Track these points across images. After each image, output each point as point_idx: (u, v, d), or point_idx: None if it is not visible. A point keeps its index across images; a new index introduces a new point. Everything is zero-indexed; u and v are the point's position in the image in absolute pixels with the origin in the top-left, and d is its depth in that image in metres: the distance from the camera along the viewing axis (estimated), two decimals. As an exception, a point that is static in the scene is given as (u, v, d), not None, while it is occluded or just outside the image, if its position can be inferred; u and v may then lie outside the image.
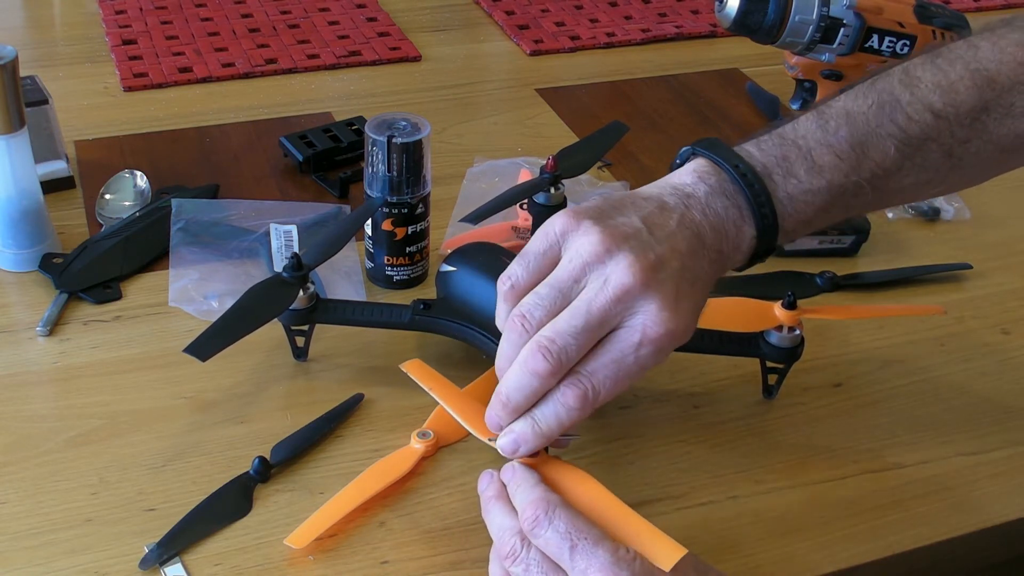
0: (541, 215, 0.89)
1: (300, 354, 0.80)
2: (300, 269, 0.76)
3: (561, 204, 0.90)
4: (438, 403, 0.70)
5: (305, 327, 0.79)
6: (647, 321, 0.58)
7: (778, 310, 0.76)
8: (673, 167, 0.66)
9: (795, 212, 0.65)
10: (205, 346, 0.71)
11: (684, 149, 0.66)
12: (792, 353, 0.77)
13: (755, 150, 0.66)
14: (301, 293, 0.76)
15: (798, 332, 0.77)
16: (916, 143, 0.67)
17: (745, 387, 0.81)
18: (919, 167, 0.67)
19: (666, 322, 0.58)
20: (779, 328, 0.76)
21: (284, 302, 0.76)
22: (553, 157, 0.90)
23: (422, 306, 0.78)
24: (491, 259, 0.80)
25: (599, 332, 0.59)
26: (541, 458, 0.62)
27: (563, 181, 0.90)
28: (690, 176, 0.64)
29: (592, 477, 0.61)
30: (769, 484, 0.73)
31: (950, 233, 1.00)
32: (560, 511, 0.57)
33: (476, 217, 0.85)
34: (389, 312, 0.79)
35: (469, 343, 0.78)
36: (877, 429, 0.78)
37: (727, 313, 0.77)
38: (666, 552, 0.56)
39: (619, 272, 0.58)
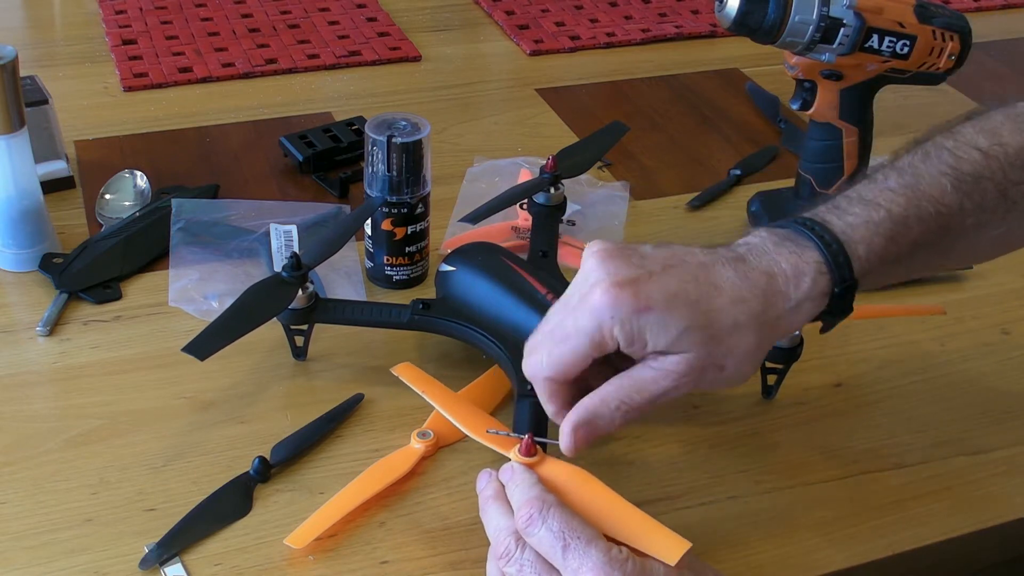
0: (541, 215, 0.89)
1: (299, 353, 0.80)
2: (299, 269, 0.76)
3: (561, 204, 0.90)
4: (433, 406, 0.71)
5: (304, 326, 0.79)
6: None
7: None
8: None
9: (861, 239, 0.63)
10: (204, 345, 0.71)
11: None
12: (792, 354, 0.77)
13: (802, 214, 0.65)
14: (300, 292, 0.76)
15: (797, 332, 0.76)
16: (970, 180, 0.66)
17: (745, 387, 0.81)
18: (978, 207, 0.66)
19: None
20: None
21: (283, 301, 0.76)
22: (553, 157, 0.90)
23: (421, 306, 0.78)
24: (490, 259, 0.80)
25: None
26: (540, 458, 0.62)
27: (563, 181, 0.90)
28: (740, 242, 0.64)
29: (593, 476, 0.61)
30: (769, 484, 0.73)
31: (950, 233, 1.00)
32: (554, 510, 0.57)
33: (475, 217, 0.85)
34: (388, 312, 0.79)
35: (469, 343, 0.78)
36: (877, 429, 0.78)
37: None
38: (669, 547, 0.56)
39: None
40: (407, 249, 0.87)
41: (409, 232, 0.86)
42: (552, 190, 0.89)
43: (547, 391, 0.62)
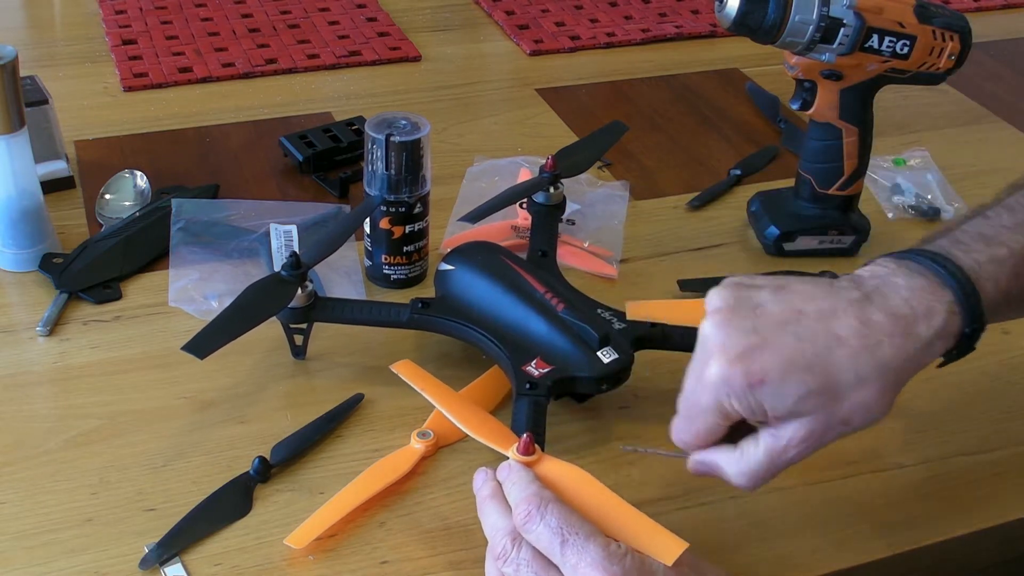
0: (540, 214, 0.89)
1: (299, 352, 0.80)
2: (298, 267, 0.76)
3: (560, 203, 0.90)
4: (432, 403, 0.70)
5: (304, 325, 0.79)
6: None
7: None
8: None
9: (989, 277, 0.62)
10: (204, 344, 0.72)
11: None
12: None
13: (924, 246, 0.64)
14: (300, 291, 0.76)
15: None
16: None
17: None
18: None
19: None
20: None
21: (282, 300, 0.76)
22: (552, 156, 0.90)
23: (420, 305, 0.78)
24: (490, 258, 0.80)
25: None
26: (538, 456, 0.62)
27: (562, 180, 0.90)
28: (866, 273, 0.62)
29: (591, 476, 0.61)
30: (769, 484, 0.73)
31: (950, 233, 1.00)
32: (552, 507, 0.57)
33: (475, 216, 0.85)
34: (387, 311, 0.79)
35: (468, 342, 0.78)
36: (877, 429, 0.78)
37: None
38: (667, 547, 0.56)
39: None
40: (405, 248, 0.87)
41: (407, 231, 0.86)
42: (552, 189, 0.89)
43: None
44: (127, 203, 0.95)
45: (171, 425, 0.74)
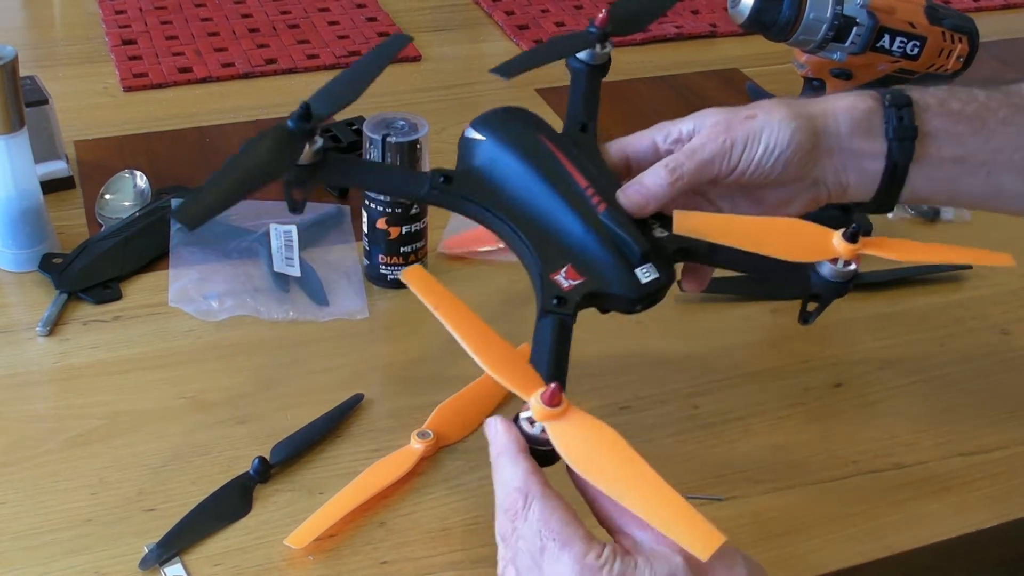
0: (582, 76, 0.79)
1: (296, 208, 0.68)
2: (309, 120, 0.63)
3: (606, 64, 0.79)
4: (449, 328, 0.60)
5: (305, 190, 0.67)
6: None
7: (837, 241, 0.65)
8: None
9: (935, 103, 0.65)
10: (196, 212, 0.61)
11: None
12: (843, 288, 0.67)
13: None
14: (307, 147, 0.64)
15: (854, 267, 0.66)
16: None
17: (745, 387, 0.81)
18: None
19: None
20: (834, 261, 0.65)
21: (287, 159, 0.63)
22: (607, 9, 0.76)
23: (442, 179, 0.66)
24: (526, 134, 0.69)
25: None
26: (564, 408, 0.54)
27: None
28: None
29: (623, 439, 0.54)
30: (769, 484, 0.73)
31: (950, 233, 1.00)
32: (535, 505, 0.53)
33: (509, 70, 0.73)
34: (404, 181, 0.68)
35: (488, 227, 0.68)
36: (877, 429, 0.78)
37: (776, 236, 0.65)
38: (701, 540, 0.50)
39: None
40: (402, 249, 0.87)
41: (404, 232, 0.86)
42: (599, 48, 0.76)
43: None
44: (127, 203, 0.95)
45: (171, 425, 0.74)
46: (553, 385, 0.54)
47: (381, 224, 0.85)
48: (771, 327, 0.87)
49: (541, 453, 0.55)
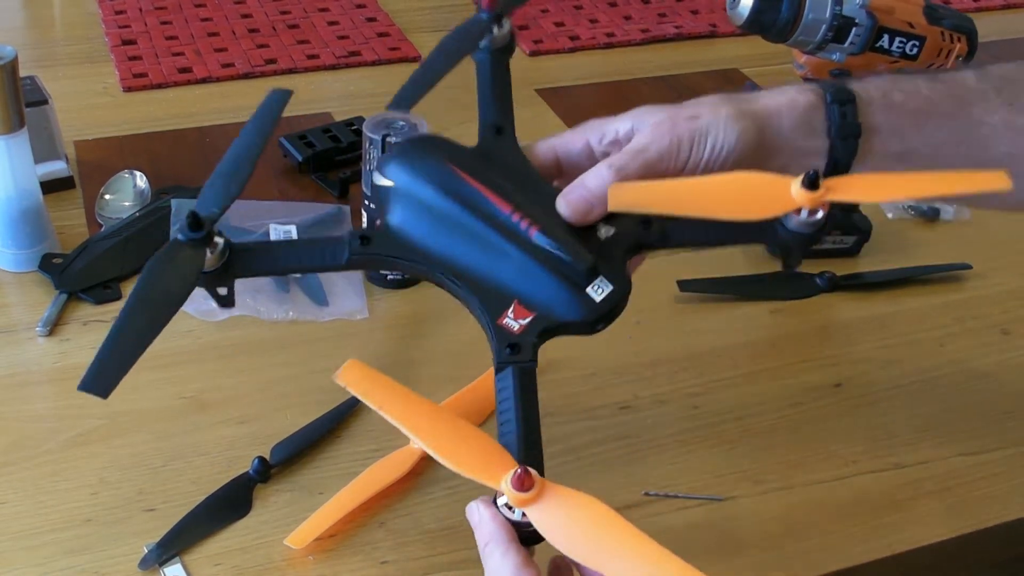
0: (485, 67, 0.73)
1: (226, 302, 0.61)
2: (201, 227, 0.57)
3: (508, 45, 0.73)
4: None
5: (226, 287, 0.61)
6: None
7: (795, 189, 0.58)
8: None
9: (878, 96, 0.63)
10: (103, 377, 0.56)
11: None
12: (815, 237, 0.62)
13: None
14: (209, 254, 0.58)
15: (821, 215, 0.59)
16: (998, 78, 0.65)
17: (745, 387, 0.81)
18: (1009, 104, 0.64)
19: None
20: (798, 211, 0.59)
21: (193, 276, 0.58)
22: None
23: (359, 242, 0.60)
24: (434, 167, 0.62)
25: None
26: (537, 491, 0.52)
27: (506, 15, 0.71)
28: None
29: (605, 507, 0.52)
30: (769, 484, 0.73)
31: (950, 233, 1.00)
32: None
33: (403, 102, 0.67)
34: (321, 254, 0.61)
35: (426, 280, 0.62)
36: (877, 429, 0.78)
37: (728, 196, 0.59)
38: None
39: None
40: (404, 249, 0.86)
41: (407, 232, 0.85)
42: (495, 30, 0.70)
43: None
44: (127, 203, 0.95)
45: (171, 425, 0.74)
46: (519, 471, 0.51)
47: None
48: (771, 327, 0.87)
49: (528, 534, 0.53)
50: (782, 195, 0.59)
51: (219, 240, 0.58)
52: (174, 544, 0.65)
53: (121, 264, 0.87)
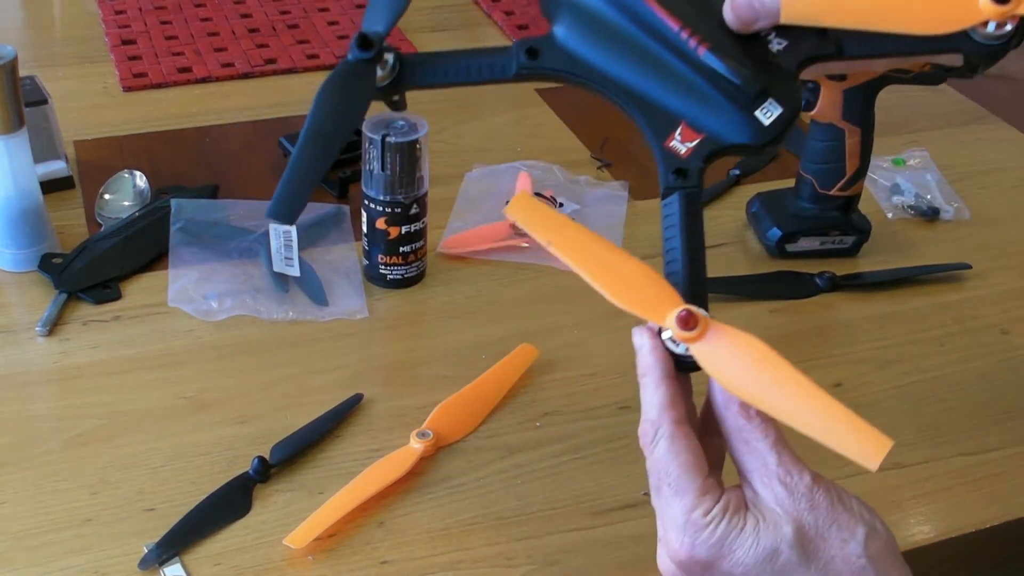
0: None
1: (399, 107, 0.62)
2: (370, 47, 0.58)
3: None
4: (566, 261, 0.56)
5: (396, 97, 0.62)
6: None
7: (984, 2, 0.55)
8: None
9: None
10: (286, 204, 0.58)
11: None
12: (1001, 51, 0.59)
13: None
14: (379, 71, 0.59)
15: (1009, 27, 0.57)
16: None
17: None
18: None
19: None
20: (984, 24, 0.57)
21: (365, 96, 0.59)
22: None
23: (526, 56, 0.60)
24: None
25: None
26: (703, 328, 0.52)
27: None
28: None
29: (774, 352, 0.51)
30: (769, 484, 0.73)
31: (950, 233, 1.00)
32: (660, 444, 0.51)
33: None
34: (489, 67, 0.61)
35: (592, 93, 0.61)
36: (877, 429, 0.78)
37: (912, 8, 0.56)
38: (868, 447, 0.49)
39: None
40: (402, 249, 0.87)
41: (403, 232, 0.86)
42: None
43: None
44: (127, 203, 0.95)
45: (171, 425, 0.74)
46: (684, 311, 0.52)
47: (381, 224, 0.85)
48: (771, 327, 0.87)
49: (688, 365, 0.54)
50: (969, 7, 0.55)
51: (388, 56, 0.59)
52: (174, 544, 0.65)
53: (121, 264, 0.87)
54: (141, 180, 0.97)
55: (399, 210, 0.85)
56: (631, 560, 0.67)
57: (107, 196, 0.96)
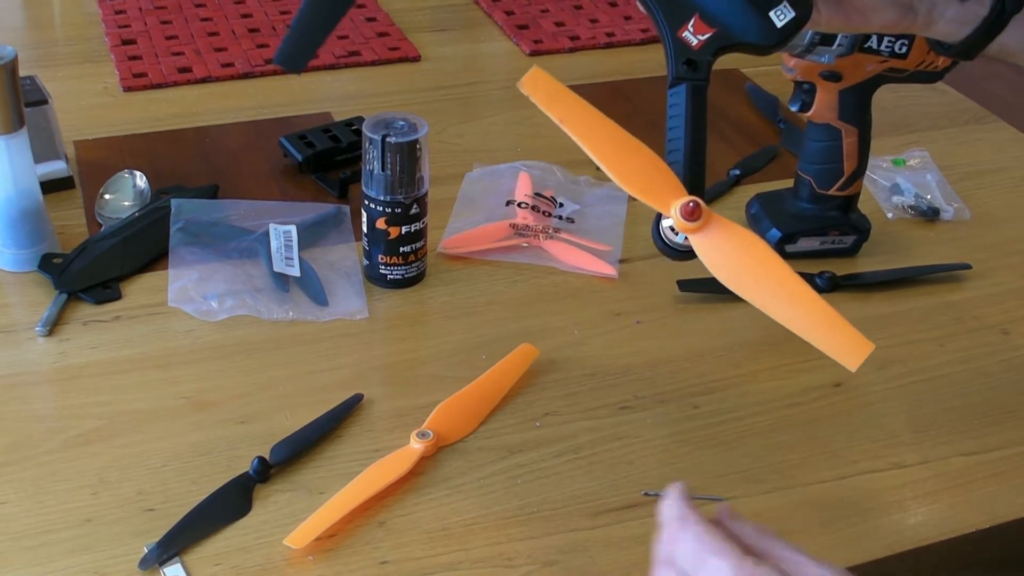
0: None
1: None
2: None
3: None
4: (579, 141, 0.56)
5: None
6: None
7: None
8: None
9: None
10: (296, 49, 0.60)
11: None
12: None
13: None
14: None
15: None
16: None
17: (745, 387, 0.81)
18: None
19: None
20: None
21: None
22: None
23: None
24: None
25: None
26: (705, 220, 0.53)
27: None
28: None
29: (770, 249, 0.53)
30: (769, 484, 0.73)
31: (950, 233, 1.00)
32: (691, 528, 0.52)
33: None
34: None
35: None
36: (877, 429, 0.78)
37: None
38: (851, 349, 0.50)
39: None
40: (402, 249, 0.87)
41: (404, 232, 0.86)
42: None
43: None
44: (127, 203, 0.95)
45: (171, 425, 0.74)
46: (692, 202, 0.53)
47: (381, 224, 0.85)
48: (771, 327, 0.87)
49: (685, 254, 0.55)
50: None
51: None
52: (174, 544, 0.65)
53: (121, 264, 0.87)
54: (141, 180, 0.97)
55: (399, 210, 0.85)
56: (631, 560, 0.67)
57: (107, 196, 0.96)
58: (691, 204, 0.53)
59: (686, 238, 0.54)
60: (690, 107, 0.59)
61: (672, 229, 0.55)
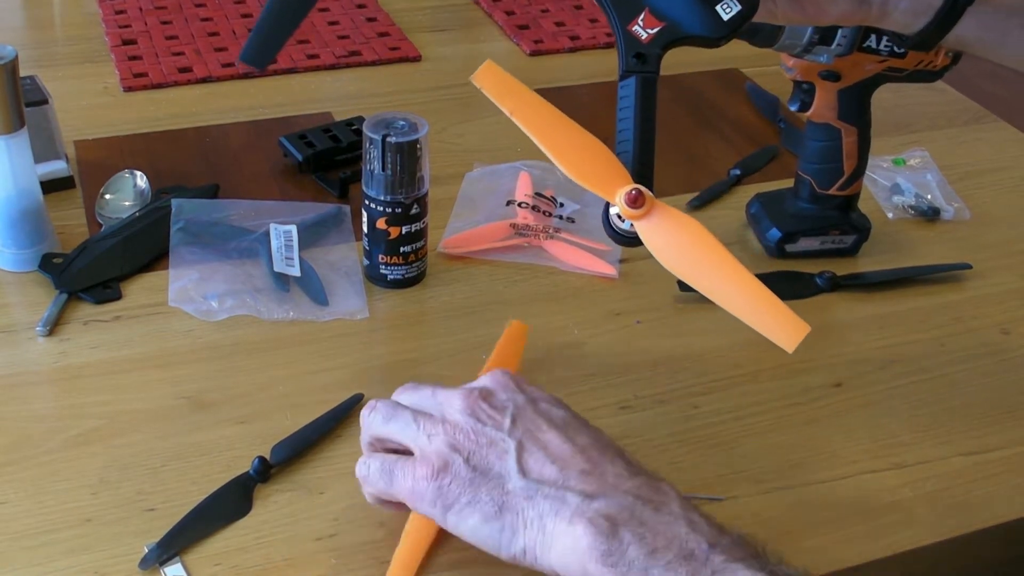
0: None
1: None
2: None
3: None
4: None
5: None
6: None
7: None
8: None
9: None
10: (261, 47, 0.62)
11: None
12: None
13: None
14: None
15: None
16: None
17: (745, 387, 0.81)
18: None
19: None
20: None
21: None
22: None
23: None
24: None
25: None
26: (647, 208, 0.56)
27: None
28: None
29: (710, 234, 0.55)
30: (769, 484, 0.73)
31: (950, 233, 1.00)
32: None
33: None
34: None
35: None
36: (877, 429, 0.78)
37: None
38: (787, 330, 0.52)
39: None
40: (402, 249, 0.87)
41: (404, 232, 0.86)
42: None
43: None
44: (127, 203, 0.95)
45: (171, 425, 0.74)
46: (635, 190, 0.55)
47: (381, 224, 0.85)
48: (771, 327, 0.87)
49: (631, 241, 0.58)
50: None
51: None
52: (174, 544, 0.65)
53: (121, 264, 0.87)
54: (141, 180, 0.97)
55: (399, 210, 0.85)
56: (631, 560, 0.67)
57: (107, 196, 0.96)
58: (634, 192, 0.56)
59: (632, 225, 0.58)
60: (639, 99, 0.61)
61: (619, 216, 0.58)
